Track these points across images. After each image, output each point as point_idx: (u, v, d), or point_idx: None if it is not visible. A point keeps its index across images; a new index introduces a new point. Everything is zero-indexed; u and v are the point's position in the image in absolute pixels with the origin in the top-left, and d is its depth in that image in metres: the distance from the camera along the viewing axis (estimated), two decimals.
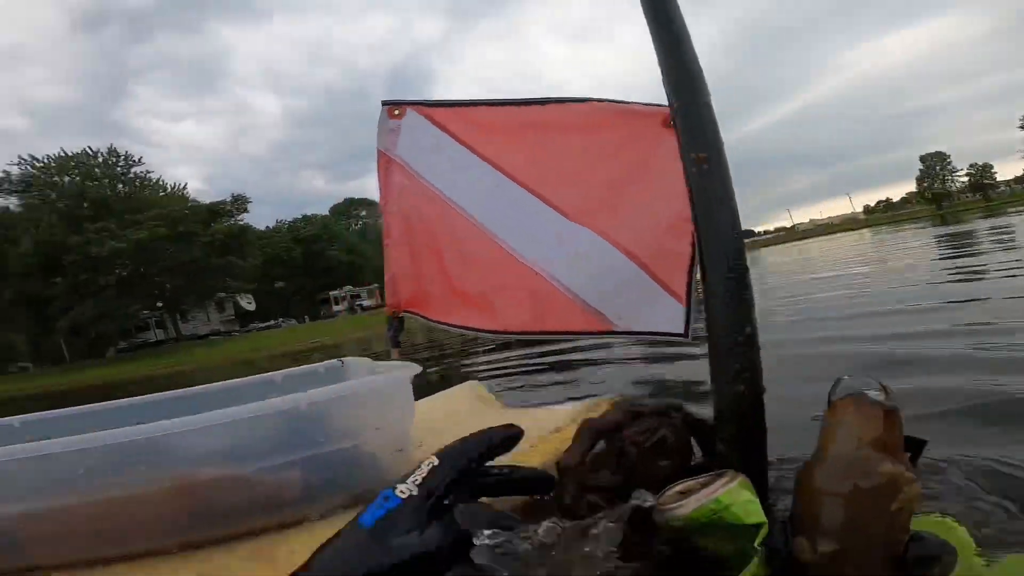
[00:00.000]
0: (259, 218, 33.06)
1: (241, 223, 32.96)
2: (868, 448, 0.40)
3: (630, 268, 0.97)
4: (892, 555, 0.39)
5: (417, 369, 0.82)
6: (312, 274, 42.28)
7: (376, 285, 42.96)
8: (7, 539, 0.64)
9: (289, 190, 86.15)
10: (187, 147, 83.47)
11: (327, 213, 50.57)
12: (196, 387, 1.14)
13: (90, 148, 29.68)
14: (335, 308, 39.78)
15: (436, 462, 0.39)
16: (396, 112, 1.15)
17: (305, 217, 45.24)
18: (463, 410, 1.28)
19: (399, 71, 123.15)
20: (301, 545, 0.62)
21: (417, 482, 0.37)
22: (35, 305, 27.05)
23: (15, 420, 1.00)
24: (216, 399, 1.12)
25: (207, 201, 32.75)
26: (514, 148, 1.09)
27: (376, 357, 1.17)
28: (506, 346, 3.93)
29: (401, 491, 0.36)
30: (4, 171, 28.05)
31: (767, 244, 44.89)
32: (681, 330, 0.94)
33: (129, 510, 0.65)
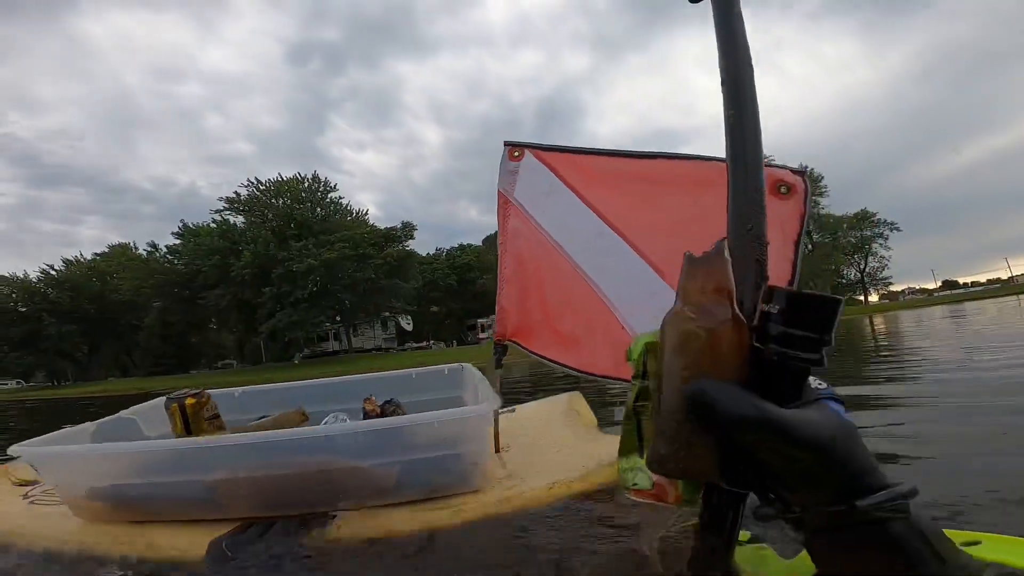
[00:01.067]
0: (419, 244, 35.79)
1: (408, 248, 35.62)
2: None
3: None
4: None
5: (497, 405, 1.03)
6: (463, 300, 44.23)
7: None
8: (209, 497, 0.98)
9: (446, 218, 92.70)
10: (367, 174, 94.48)
11: (480, 243, 53.11)
12: (355, 375, 1.65)
13: (299, 174, 34.44)
14: (480, 335, 40.91)
15: None
16: (516, 154, 1.24)
17: (461, 246, 47.80)
18: (556, 421, 1.46)
19: (549, 103, 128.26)
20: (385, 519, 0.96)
21: None
22: (247, 310, 31.47)
23: (235, 391, 1.59)
24: (367, 386, 1.60)
25: (379, 225, 35.94)
26: (618, 198, 1.10)
27: (510, 381, 1.57)
28: None
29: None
30: (235, 192, 33.59)
31: (975, 298, 37.38)
32: None
33: (286, 484, 0.97)
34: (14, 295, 38.71)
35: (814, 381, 0.45)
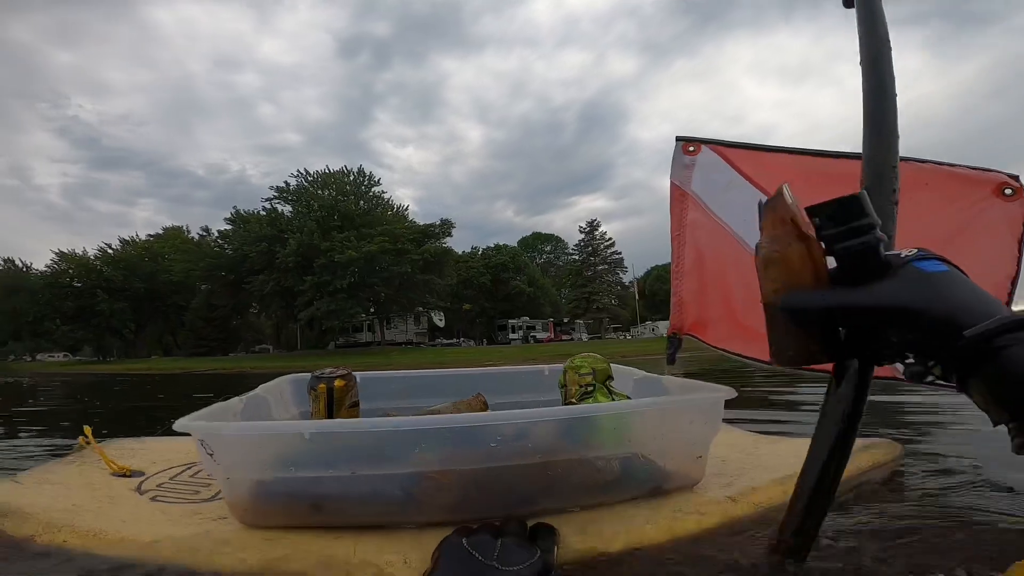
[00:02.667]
0: (455, 241, 36.18)
1: (445, 246, 35.98)
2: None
3: None
4: None
5: (733, 393, 0.89)
6: (495, 300, 44.39)
7: (551, 319, 43.60)
8: (407, 493, 0.79)
9: (483, 217, 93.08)
10: (408, 170, 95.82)
11: (515, 244, 53.23)
12: (481, 368, 1.50)
13: (345, 167, 35.24)
14: (511, 336, 40.95)
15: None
16: (691, 149, 1.26)
17: (497, 246, 48.01)
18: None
19: (592, 107, 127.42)
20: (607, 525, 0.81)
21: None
22: (287, 297, 32.31)
23: (356, 376, 1.22)
24: (498, 380, 1.45)
25: (417, 221, 36.41)
26: (804, 198, 1.02)
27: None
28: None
29: None
30: (285, 182, 34.57)
31: None
32: None
33: (503, 477, 0.81)
34: (70, 271, 40.72)
35: (904, 252, 0.52)
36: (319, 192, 33.89)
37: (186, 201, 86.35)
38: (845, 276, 0.53)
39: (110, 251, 42.10)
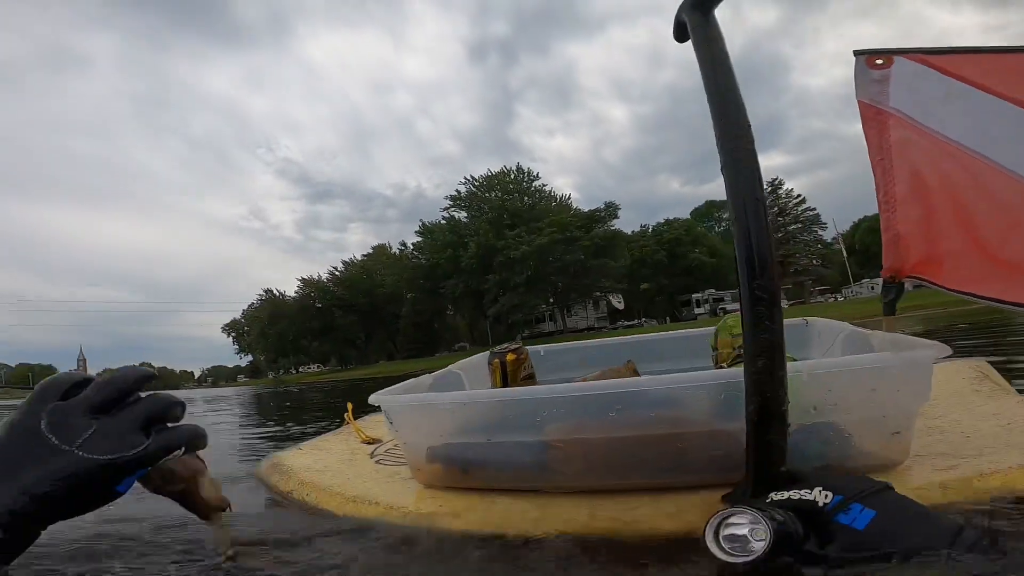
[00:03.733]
0: (623, 223, 35.37)
1: (613, 228, 35.54)
2: None
3: None
4: None
5: (946, 351, 0.69)
6: (673, 276, 42.31)
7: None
8: (538, 462, 0.81)
9: (647, 194, 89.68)
10: (561, 159, 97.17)
11: (688, 216, 50.05)
12: (655, 334, 1.57)
13: (505, 167, 37.27)
14: (696, 310, 38.58)
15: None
16: (879, 62, 1.11)
17: (667, 221, 45.76)
18: (965, 389, 1.10)
19: (742, 64, 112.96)
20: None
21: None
22: (475, 297, 35.42)
23: (540, 349, 1.52)
24: (672, 343, 1.51)
25: (581, 208, 36.54)
26: None
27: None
28: None
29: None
30: (456, 190, 37.97)
31: None
32: None
33: (633, 449, 0.76)
34: (312, 294, 50.48)
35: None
36: (487, 195, 36.40)
37: (383, 220, 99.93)
38: None
39: (337, 273, 51.10)
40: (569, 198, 38.44)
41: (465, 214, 37.25)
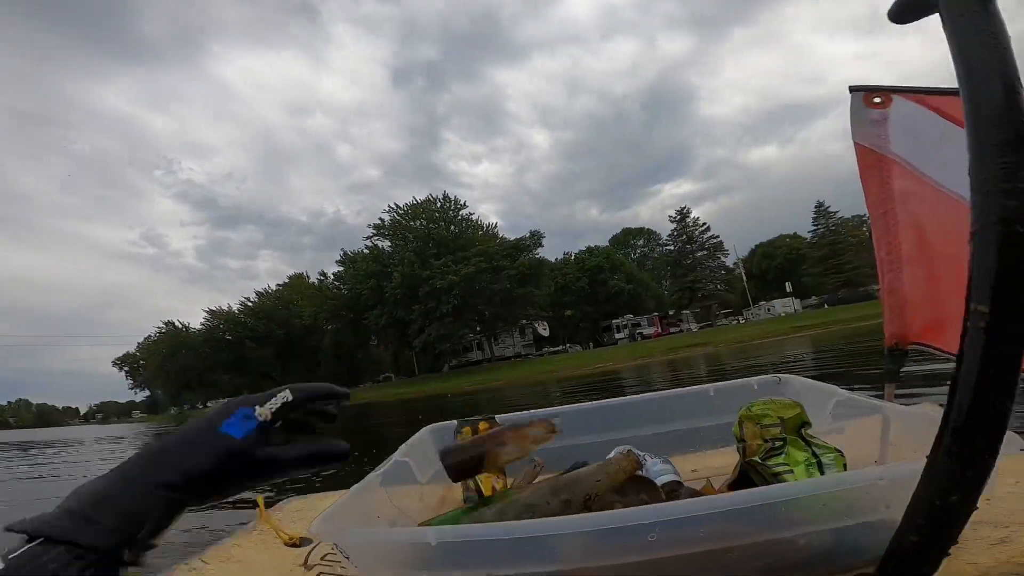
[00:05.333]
0: (545, 250, 36.48)
1: (538, 257, 36.53)
2: None
3: None
4: None
5: (1020, 442, 0.59)
6: (595, 303, 44.03)
7: (656, 314, 42.25)
8: None
9: (566, 221, 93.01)
10: (486, 185, 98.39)
11: (606, 243, 52.52)
12: (645, 395, 1.28)
13: (431, 195, 37.30)
14: (616, 336, 40.31)
15: (289, 397, 0.44)
16: (877, 100, 0.99)
17: (589, 248, 47.72)
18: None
19: (654, 92, 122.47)
20: None
21: (272, 410, 0.43)
22: (400, 327, 34.72)
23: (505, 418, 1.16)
24: (657, 405, 1.26)
25: (505, 235, 37.34)
26: None
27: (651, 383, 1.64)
28: None
29: (259, 413, 0.42)
30: (380, 218, 37.35)
31: None
32: None
33: (667, 569, 0.66)
34: (221, 325, 47.11)
35: None
36: (412, 223, 36.13)
37: (296, 248, 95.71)
38: None
39: (249, 304, 48.10)
40: (496, 226, 39.11)
41: (389, 243, 36.68)
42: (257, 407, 0.43)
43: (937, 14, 0.49)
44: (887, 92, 1.01)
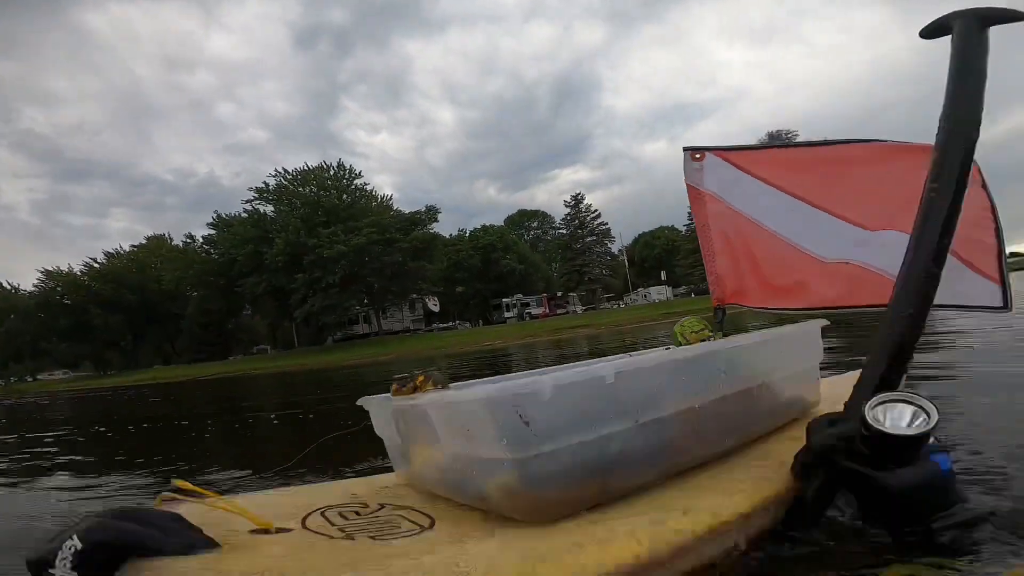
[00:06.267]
0: (440, 226, 36.07)
1: (433, 232, 36.07)
2: None
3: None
4: None
5: (826, 322, 1.30)
6: (487, 280, 44.66)
7: (545, 295, 43.99)
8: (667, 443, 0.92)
9: (465, 199, 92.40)
10: (383, 156, 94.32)
11: (501, 223, 53.24)
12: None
13: (325, 163, 35.01)
14: (506, 314, 41.35)
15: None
16: (697, 156, 1.65)
17: (484, 227, 48.03)
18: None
19: (564, 81, 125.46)
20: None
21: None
22: (279, 296, 32.43)
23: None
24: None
25: (398, 207, 36.37)
26: (802, 178, 1.49)
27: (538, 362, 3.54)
28: None
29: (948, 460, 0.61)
30: (264, 182, 34.33)
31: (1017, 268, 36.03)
32: (1000, 303, 1.27)
33: (720, 410, 1.01)
34: (59, 288, 40.51)
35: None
36: (300, 190, 33.71)
37: (158, 208, 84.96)
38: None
39: (96, 265, 41.83)
40: (391, 199, 37.74)
41: (272, 208, 33.87)
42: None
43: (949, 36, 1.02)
44: (703, 151, 1.64)
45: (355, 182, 35.39)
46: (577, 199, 49.22)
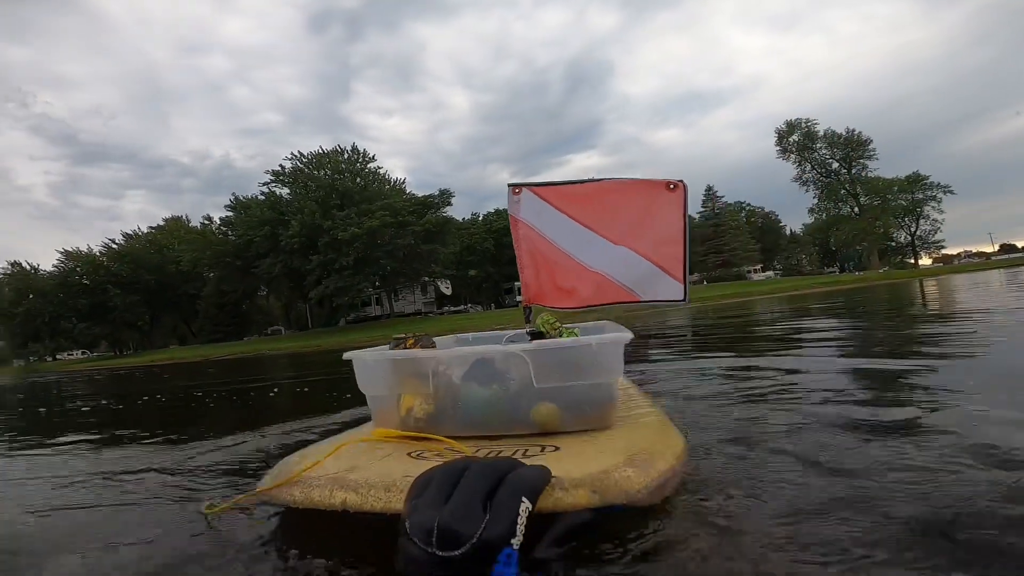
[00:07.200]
0: (453, 209, 36.10)
1: (446, 215, 36.21)
2: None
3: (647, 265, 1.86)
4: None
5: (631, 334, 1.37)
6: (499, 264, 44.83)
7: None
8: None
9: (477, 183, 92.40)
10: (395, 140, 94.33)
11: None
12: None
13: (339, 146, 35.16)
14: (518, 298, 41.55)
15: (529, 507, 0.46)
16: (516, 191, 2.06)
17: (498, 211, 48.04)
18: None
19: (577, 64, 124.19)
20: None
21: (523, 533, 0.47)
22: (294, 277, 32.85)
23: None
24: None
25: (415, 193, 36.47)
26: (579, 205, 2.01)
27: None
28: None
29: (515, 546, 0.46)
30: (280, 165, 34.58)
31: None
32: (681, 298, 1.82)
33: None
34: (78, 268, 41.25)
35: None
36: (315, 173, 33.91)
37: (175, 190, 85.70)
38: None
39: (114, 246, 42.49)
40: (404, 182, 37.87)
41: (288, 191, 34.15)
42: (513, 540, 0.56)
43: None
44: (521, 186, 2.07)
45: (369, 166, 35.54)
46: None
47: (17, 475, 2.06)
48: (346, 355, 1.47)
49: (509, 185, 2.09)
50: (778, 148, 50.93)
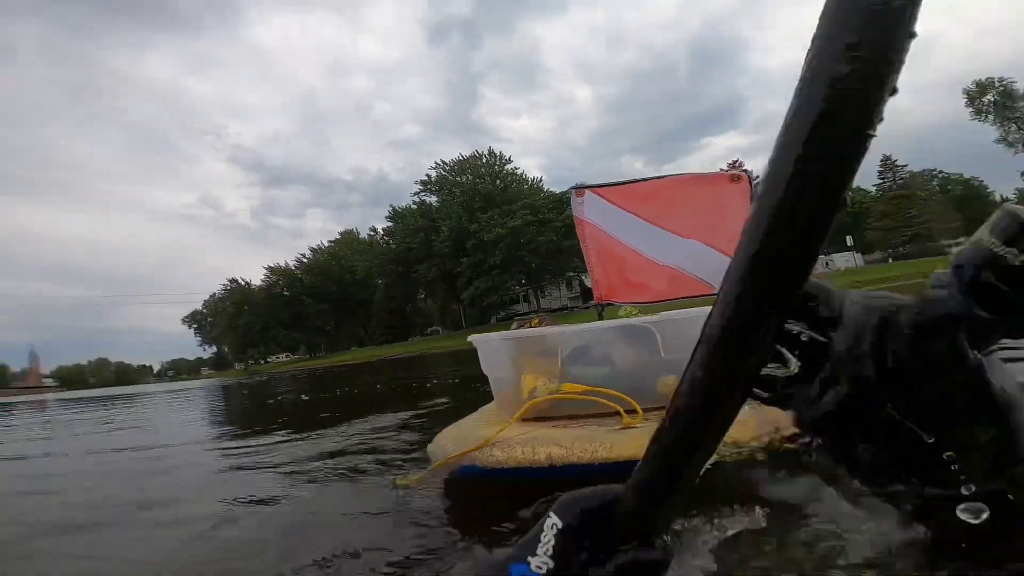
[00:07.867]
0: None
1: None
2: None
3: (721, 257, 1.97)
4: None
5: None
6: None
7: None
8: None
9: (610, 174, 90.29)
10: (526, 140, 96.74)
11: None
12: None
13: (477, 151, 36.97)
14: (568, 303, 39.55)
15: (560, 525, 0.35)
16: (580, 193, 2.30)
17: None
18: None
19: (700, 44, 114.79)
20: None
21: (549, 553, 0.34)
22: (448, 280, 35.28)
23: None
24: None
25: (552, 191, 36.64)
26: (642, 203, 2.17)
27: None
28: None
29: (537, 567, 0.34)
30: (427, 174, 37.47)
31: None
32: None
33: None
34: (280, 282, 49.23)
35: None
36: (458, 179, 36.06)
37: (344, 205, 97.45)
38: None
39: (304, 260, 49.88)
40: (540, 180, 38.47)
41: (436, 198, 36.86)
42: (531, 558, 0.35)
43: None
44: (584, 188, 2.28)
45: (506, 167, 36.73)
46: (735, 166, 44.79)
47: (271, 461, 2.48)
48: (470, 338, 1.54)
49: (573, 188, 2.29)
50: (971, 110, 41.19)
